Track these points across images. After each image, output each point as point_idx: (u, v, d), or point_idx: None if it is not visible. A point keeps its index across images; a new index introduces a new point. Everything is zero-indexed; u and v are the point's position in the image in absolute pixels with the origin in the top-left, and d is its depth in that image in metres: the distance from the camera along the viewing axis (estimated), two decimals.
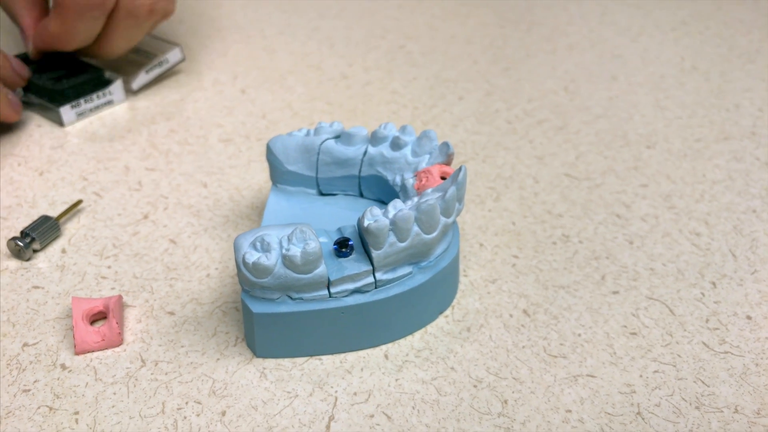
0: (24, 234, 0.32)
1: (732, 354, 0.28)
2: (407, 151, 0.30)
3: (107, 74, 0.45)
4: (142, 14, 0.42)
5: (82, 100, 0.43)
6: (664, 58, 0.52)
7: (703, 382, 0.26)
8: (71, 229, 0.34)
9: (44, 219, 0.33)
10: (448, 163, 0.30)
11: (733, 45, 0.54)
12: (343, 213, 0.31)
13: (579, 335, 0.28)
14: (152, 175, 0.38)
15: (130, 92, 0.46)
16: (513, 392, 0.26)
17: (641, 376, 0.27)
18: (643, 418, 0.25)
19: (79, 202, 0.35)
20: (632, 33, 0.56)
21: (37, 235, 0.32)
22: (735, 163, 0.40)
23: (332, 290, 0.26)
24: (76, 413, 0.25)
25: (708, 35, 0.55)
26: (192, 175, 0.38)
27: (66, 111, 0.42)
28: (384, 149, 0.31)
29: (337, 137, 0.32)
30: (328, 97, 0.46)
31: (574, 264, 0.32)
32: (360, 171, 0.31)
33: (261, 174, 0.38)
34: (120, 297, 0.29)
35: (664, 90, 0.47)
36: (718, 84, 0.48)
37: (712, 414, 0.25)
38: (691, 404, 0.26)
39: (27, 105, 0.44)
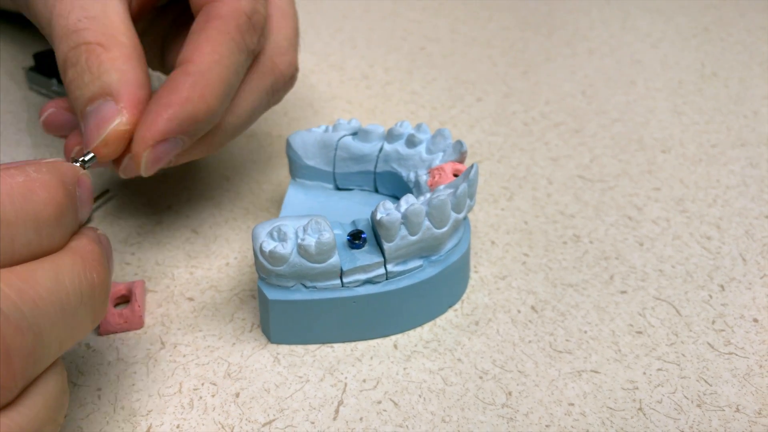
0: None
1: (736, 355, 0.28)
2: (422, 148, 0.31)
3: None
4: (287, 76, 0.31)
5: None
6: (684, 63, 0.52)
7: (706, 381, 0.27)
8: (99, 216, 0.36)
9: None
10: (461, 161, 0.31)
11: (755, 52, 0.54)
12: (358, 207, 0.32)
13: (585, 332, 0.29)
14: (177, 168, 0.40)
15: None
16: (517, 384, 0.27)
17: (644, 373, 0.27)
18: (644, 414, 0.26)
19: (107, 191, 0.37)
20: (653, 39, 0.56)
21: None
22: (750, 169, 0.40)
23: (345, 280, 0.27)
24: (99, 389, 0.26)
25: (730, 42, 0.55)
26: (215, 169, 0.39)
27: None
28: (399, 146, 0.32)
29: (355, 134, 0.33)
30: (348, 96, 0.47)
31: (583, 263, 0.33)
32: (375, 167, 0.32)
33: (280, 169, 0.39)
34: (143, 282, 0.30)
35: (682, 95, 0.48)
36: (737, 91, 0.48)
37: (713, 412, 0.26)
38: (692, 402, 0.26)
39: (58, 95, 0.45)
